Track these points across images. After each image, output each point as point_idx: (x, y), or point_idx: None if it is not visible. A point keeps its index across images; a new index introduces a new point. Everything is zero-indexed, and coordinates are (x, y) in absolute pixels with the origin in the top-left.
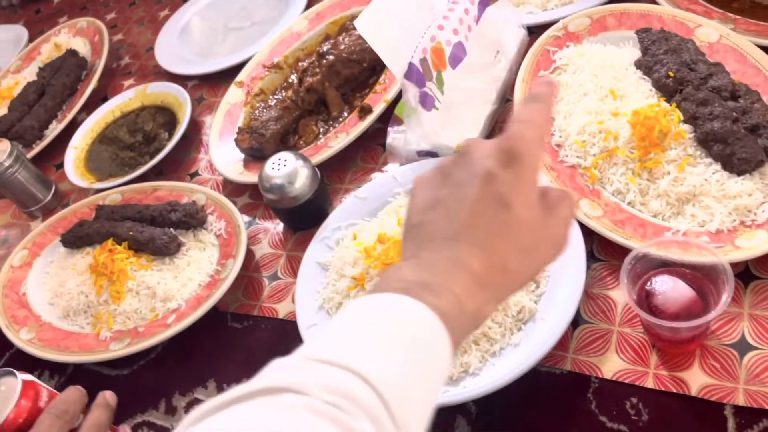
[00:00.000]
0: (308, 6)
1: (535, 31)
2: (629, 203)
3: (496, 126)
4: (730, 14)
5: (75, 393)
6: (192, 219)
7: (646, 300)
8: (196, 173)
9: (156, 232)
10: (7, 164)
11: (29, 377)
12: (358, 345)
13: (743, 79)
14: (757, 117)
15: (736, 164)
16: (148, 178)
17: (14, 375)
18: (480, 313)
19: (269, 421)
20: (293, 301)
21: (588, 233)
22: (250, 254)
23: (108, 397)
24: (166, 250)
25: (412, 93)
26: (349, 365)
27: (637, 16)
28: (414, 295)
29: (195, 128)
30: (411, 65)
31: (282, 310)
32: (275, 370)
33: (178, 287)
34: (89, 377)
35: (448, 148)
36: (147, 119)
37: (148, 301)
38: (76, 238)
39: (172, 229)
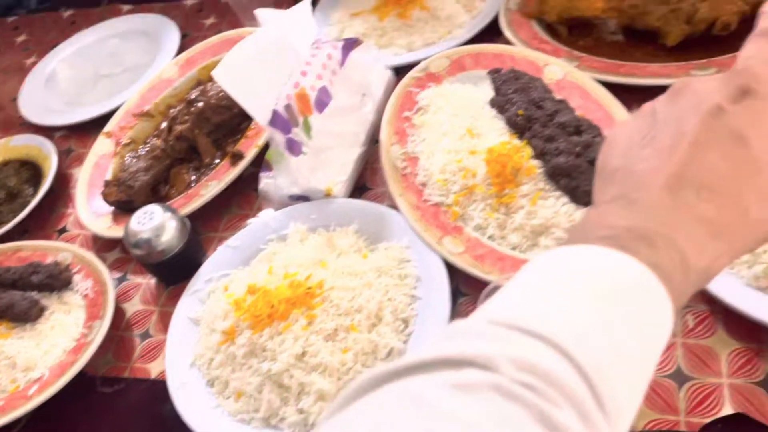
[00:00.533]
0: (180, 51)
1: (402, 72)
2: (489, 237)
3: (366, 167)
4: (575, 52)
5: None
6: (55, 281)
7: None
8: (65, 230)
9: (16, 296)
10: None
11: None
12: (556, 310)
13: (587, 114)
14: (597, 151)
15: (581, 196)
16: (13, 237)
17: None
18: (711, 270)
19: (450, 401)
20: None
21: (454, 271)
22: (120, 313)
23: None
24: (26, 316)
25: (278, 140)
26: (545, 334)
27: (491, 56)
28: (626, 247)
29: (63, 182)
30: (275, 112)
31: (155, 369)
32: (455, 337)
33: (40, 354)
34: None
35: (318, 192)
36: (10, 175)
37: (8, 372)
38: None
39: (34, 293)
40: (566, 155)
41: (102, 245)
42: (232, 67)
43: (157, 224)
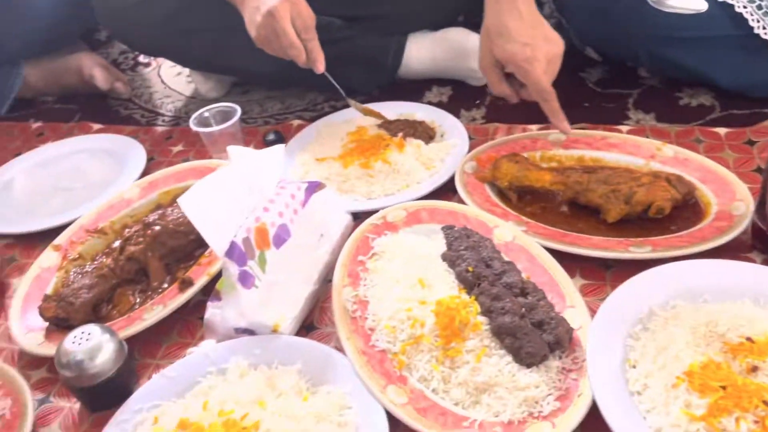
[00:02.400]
0: (144, 174)
1: (360, 217)
2: (433, 390)
3: (316, 305)
4: (524, 218)
5: None
6: None
7: None
8: None
9: None
10: None
11: None
12: None
13: (533, 277)
14: (541, 314)
15: (524, 357)
16: None
17: None
18: None
19: None
20: None
21: (395, 421)
22: None
23: None
24: None
25: (232, 271)
26: None
27: (446, 213)
28: None
29: (0, 291)
30: (233, 243)
31: None
32: None
33: None
34: None
35: (265, 327)
36: None
37: None
38: None
39: None
40: (511, 315)
41: (28, 362)
42: (198, 196)
43: (93, 345)
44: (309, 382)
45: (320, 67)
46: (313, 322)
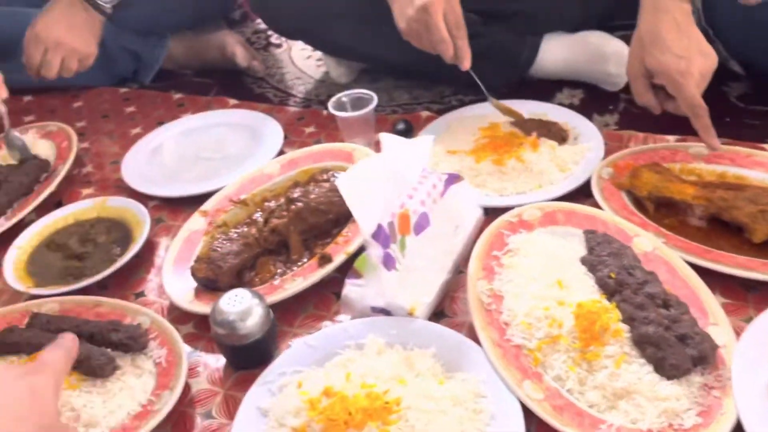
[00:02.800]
0: (281, 150)
1: (489, 213)
2: (568, 390)
3: (447, 294)
4: (662, 229)
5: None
6: (134, 343)
7: None
8: (142, 294)
9: (93, 350)
10: None
11: None
12: None
13: (674, 290)
14: (685, 327)
15: (667, 369)
16: (91, 291)
17: None
18: None
19: None
20: None
21: (527, 414)
22: (186, 388)
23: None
24: (101, 371)
25: (376, 252)
26: None
27: (583, 217)
28: None
29: (148, 248)
30: (379, 226)
31: None
32: None
33: (105, 413)
34: None
35: (401, 309)
36: (101, 232)
37: (70, 424)
38: (2, 345)
39: (109, 350)
40: (655, 326)
41: (175, 317)
42: (354, 178)
43: (244, 308)
44: (443, 367)
45: (466, 64)
46: (443, 310)
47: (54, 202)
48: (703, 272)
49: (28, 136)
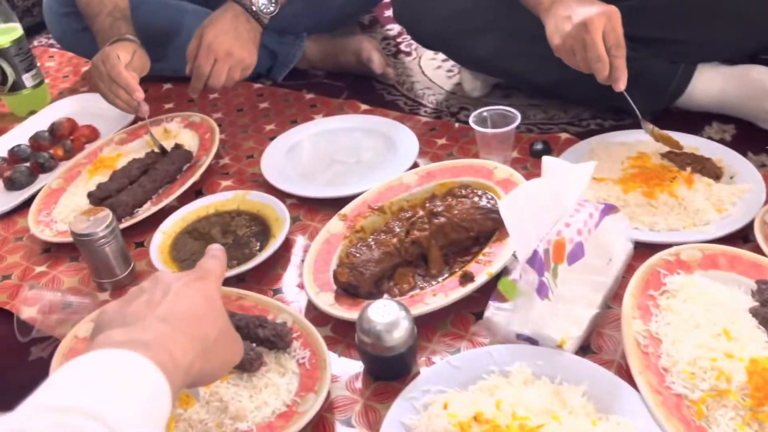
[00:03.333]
0: (415, 165)
1: (637, 248)
2: None
3: (594, 329)
4: None
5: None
6: (280, 341)
7: None
8: (279, 290)
9: (244, 345)
10: (101, 234)
11: None
12: (91, 391)
13: None
14: None
15: None
16: (229, 283)
17: None
18: (195, 365)
19: None
20: None
21: None
22: (327, 393)
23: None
24: (249, 366)
25: (530, 278)
26: (81, 407)
27: (748, 264)
28: (134, 349)
29: (285, 245)
30: (536, 252)
31: None
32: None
33: (251, 408)
34: None
35: (551, 340)
36: (241, 224)
37: (217, 414)
38: None
39: (254, 345)
40: None
41: (313, 318)
42: (515, 201)
43: (392, 320)
44: (596, 407)
45: (622, 85)
46: (589, 345)
47: (194, 191)
48: None
49: (173, 124)
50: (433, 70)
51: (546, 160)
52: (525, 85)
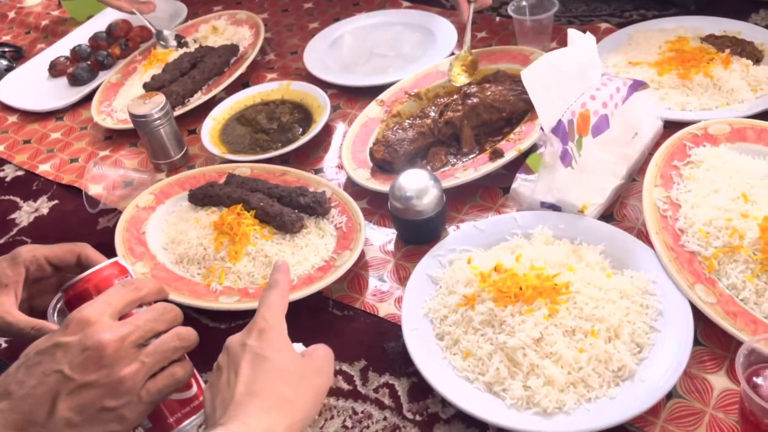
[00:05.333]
0: (452, 52)
1: (668, 126)
2: (742, 300)
3: (618, 200)
4: None
5: (154, 281)
6: (319, 206)
7: (754, 390)
8: (320, 170)
9: (285, 209)
10: (156, 116)
11: (126, 264)
12: None
13: None
14: None
15: None
16: (275, 163)
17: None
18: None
19: None
20: (395, 305)
21: (695, 318)
22: (362, 253)
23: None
24: (291, 226)
25: (555, 147)
26: None
27: None
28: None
29: (326, 131)
30: (560, 122)
31: (383, 309)
32: None
33: (293, 263)
34: (187, 323)
35: (572, 206)
36: (285, 112)
37: (263, 268)
38: (204, 196)
39: (297, 211)
40: None
41: (351, 193)
42: (538, 72)
43: (421, 187)
44: (612, 264)
45: None
46: (612, 214)
47: (242, 83)
48: None
49: (220, 21)
50: None
51: (571, 32)
52: None
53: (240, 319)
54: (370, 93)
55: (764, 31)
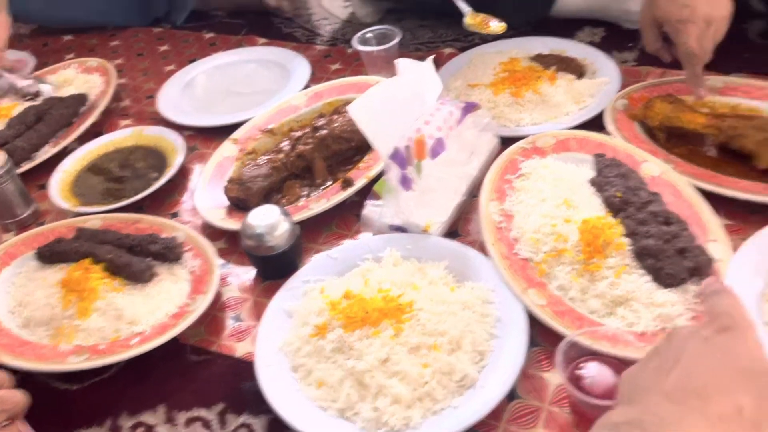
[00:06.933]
0: (307, 86)
1: (505, 142)
2: (570, 299)
3: (461, 216)
4: (672, 156)
5: (12, 391)
6: (170, 252)
7: (576, 382)
8: (176, 215)
9: (134, 258)
10: None
11: None
12: None
13: (676, 210)
14: (684, 242)
15: (664, 278)
16: (129, 212)
17: None
18: None
19: None
20: (252, 343)
21: (531, 321)
22: (218, 294)
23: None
24: (141, 276)
25: (394, 173)
26: None
27: (595, 144)
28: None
29: (182, 173)
30: (396, 149)
31: (240, 349)
32: None
33: (145, 313)
34: (39, 389)
35: (417, 226)
36: (139, 158)
37: (114, 322)
38: (52, 253)
39: (149, 259)
40: (655, 239)
41: (209, 234)
42: (366, 104)
43: (272, 222)
44: (455, 278)
45: None
46: (457, 230)
47: (94, 133)
48: (710, 197)
49: (69, 70)
50: (330, 2)
51: (400, 62)
52: (411, 6)
53: (95, 376)
54: (227, 132)
55: (587, 48)
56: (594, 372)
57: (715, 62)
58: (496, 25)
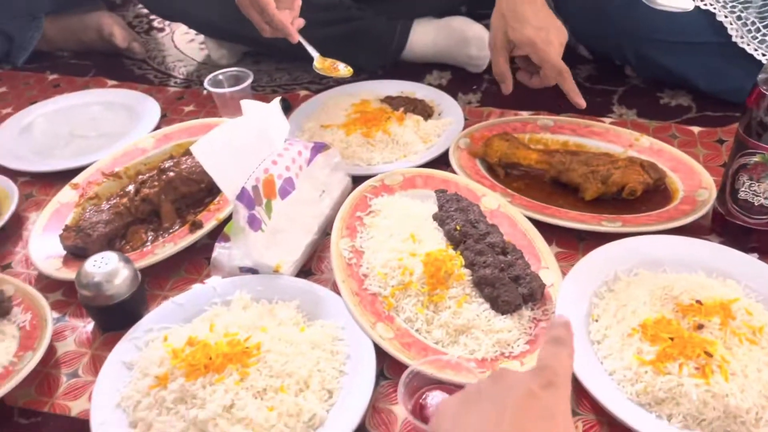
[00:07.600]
0: (157, 128)
1: (358, 181)
2: (417, 330)
3: (314, 255)
4: (509, 190)
5: None
6: None
7: (420, 411)
8: (9, 266)
9: None
10: None
11: None
12: None
13: (513, 240)
14: (518, 270)
15: (500, 305)
16: None
17: None
18: None
19: None
20: (89, 400)
21: (381, 355)
22: (52, 350)
23: None
24: None
25: (242, 214)
26: None
27: (439, 180)
28: None
29: (17, 223)
30: (243, 189)
31: (76, 408)
32: None
33: None
34: None
35: (268, 267)
36: None
37: None
38: None
39: None
40: (492, 268)
41: (44, 285)
42: (210, 144)
43: (110, 269)
44: (306, 317)
45: (294, 37)
46: (311, 269)
47: None
48: (544, 227)
49: None
50: (185, 44)
51: (244, 103)
52: (263, 49)
53: None
54: (70, 177)
55: (435, 90)
56: (437, 400)
57: (547, 103)
58: (344, 69)
